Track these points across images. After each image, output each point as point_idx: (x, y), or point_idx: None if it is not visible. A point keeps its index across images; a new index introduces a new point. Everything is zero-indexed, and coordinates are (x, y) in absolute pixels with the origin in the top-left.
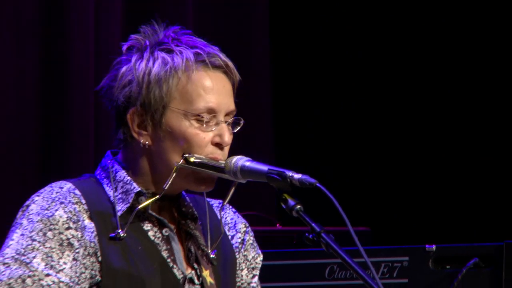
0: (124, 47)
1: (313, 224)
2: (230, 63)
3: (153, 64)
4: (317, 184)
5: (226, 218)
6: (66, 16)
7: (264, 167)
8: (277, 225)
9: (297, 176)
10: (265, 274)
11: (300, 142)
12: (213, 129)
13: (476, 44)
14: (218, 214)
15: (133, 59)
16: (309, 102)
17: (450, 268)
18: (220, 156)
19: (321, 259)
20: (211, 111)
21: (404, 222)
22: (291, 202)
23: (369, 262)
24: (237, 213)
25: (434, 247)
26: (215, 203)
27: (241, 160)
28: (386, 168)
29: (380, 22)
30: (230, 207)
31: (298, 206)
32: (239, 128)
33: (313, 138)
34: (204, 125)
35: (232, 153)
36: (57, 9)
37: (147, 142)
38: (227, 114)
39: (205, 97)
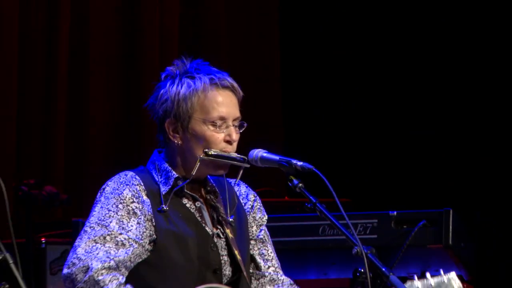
0: (163, 76)
1: (310, 197)
2: (235, 84)
3: (181, 87)
4: (313, 169)
5: (240, 190)
6: (141, 58)
7: (276, 157)
8: (285, 197)
9: (299, 163)
10: (276, 232)
11: (304, 135)
12: (224, 131)
13: (460, 41)
14: (234, 190)
15: (168, 84)
16: (310, 103)
17: (406, 228)
18: (230, 149)
19: (316, 221)
20: (222, 118)
21: (374, 195)
22: (295, 181)
23: (350, 223)
24: (248, 187)
25: (395, 212)
26: (232, 181)
27: (260, 152)
28: (361, 158)
29: (379, 22)
30: (243, 183)
31: (300, 184)
32: (243, 129)
33: (312, 134)
34: (218, 128)
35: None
36: (133, 51)
37: (179, 142)
38: (234, 119)
39: (218, 109)
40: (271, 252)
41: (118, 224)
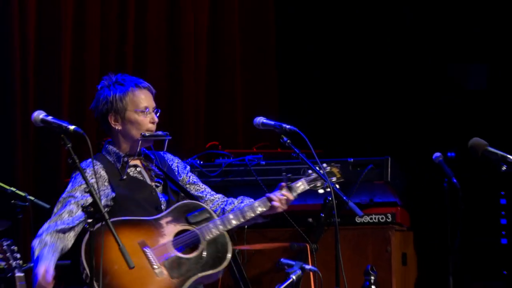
0: (99, 86)
1: (295, 149)
2: (150, 85)
3: (116, 91)
4: (297, 130)
5: (167, 156)
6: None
7: (272, 122)
8: (278, 149)
9: (287, 126)
10: (272, 172)
11: (292, 106)
12: (148, 116)
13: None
14: (164, 157)
15: (105, 91)
16: (297, 80)
17: (359, 169)
18: (153, 128)
19: (299, 165)
20: (146, 108)
21: (338, 148)
22: (285, 138)
23: (322, 166)
24: (172, 155)
25: (352, 159)
26: (163, 154)
27: (261, 119)
28: (331, 122)
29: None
30: (168, 152)
31: (288, 141)
32: (158, 114)
33: (298, 107)
34: (144, 115)
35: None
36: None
37: (119, 128)
38: (153, 108)
39: (143, 102)
40: (202, 185)
41: (81, 193)
